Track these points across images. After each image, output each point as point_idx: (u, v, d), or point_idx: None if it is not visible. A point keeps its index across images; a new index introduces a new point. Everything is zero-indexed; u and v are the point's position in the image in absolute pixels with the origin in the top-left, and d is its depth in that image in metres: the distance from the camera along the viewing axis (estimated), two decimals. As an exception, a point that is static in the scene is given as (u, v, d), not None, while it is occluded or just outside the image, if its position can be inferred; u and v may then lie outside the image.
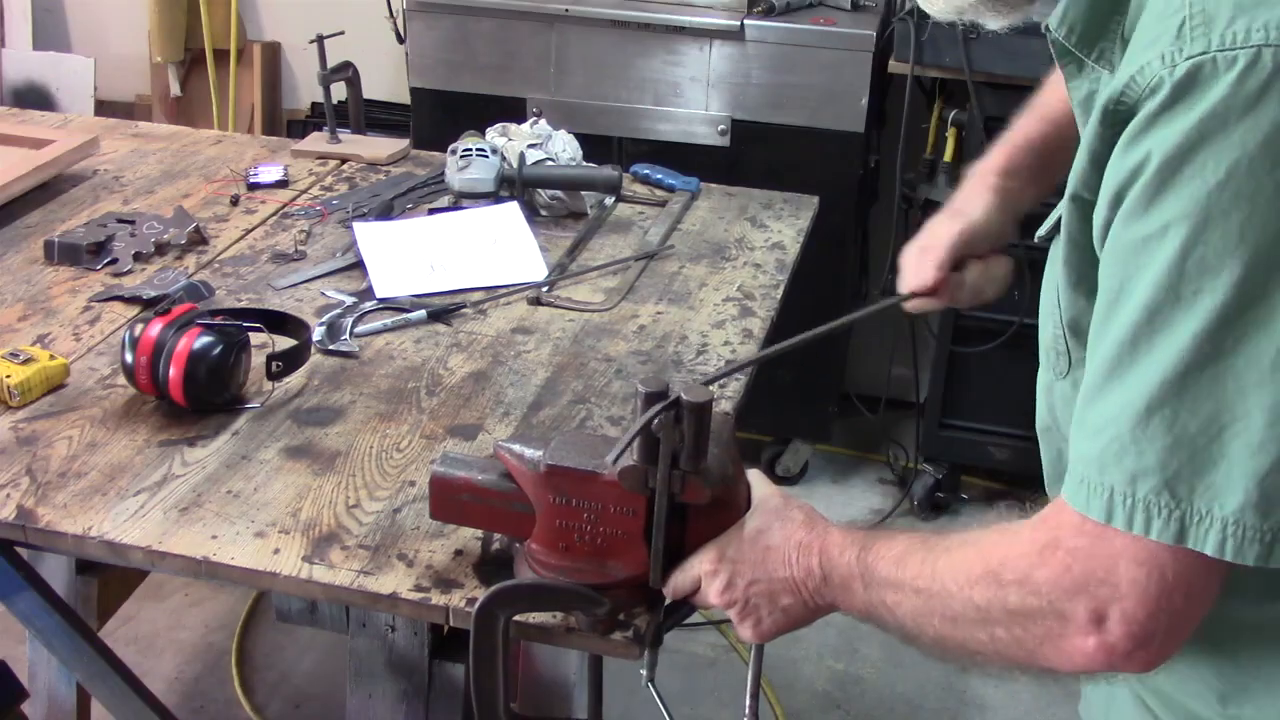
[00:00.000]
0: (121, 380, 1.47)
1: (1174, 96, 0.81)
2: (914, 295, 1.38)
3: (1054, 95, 1.37)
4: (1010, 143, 1.38)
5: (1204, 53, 0.80)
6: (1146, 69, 0.83)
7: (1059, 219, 0.97)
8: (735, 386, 1.55)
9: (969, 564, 0.94)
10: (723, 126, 2.86)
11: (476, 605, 1.10)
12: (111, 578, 1.97)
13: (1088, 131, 0.90)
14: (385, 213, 1.98)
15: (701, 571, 1.10)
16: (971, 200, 1.36)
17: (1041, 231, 1.03)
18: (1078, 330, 1.00)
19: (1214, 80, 0.79)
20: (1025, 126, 1.38)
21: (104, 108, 3.78)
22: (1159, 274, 0.82)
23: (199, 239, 1.88)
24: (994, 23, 1.04)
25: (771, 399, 3.00)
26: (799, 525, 1.08)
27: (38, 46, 3.88)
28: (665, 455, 1.04)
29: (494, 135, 2.10)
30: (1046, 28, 0.97)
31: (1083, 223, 0.92)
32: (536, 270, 1.82)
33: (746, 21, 2.81)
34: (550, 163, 2.04)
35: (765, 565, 1.07)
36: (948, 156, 2.81)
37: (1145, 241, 0.83)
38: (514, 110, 2.82)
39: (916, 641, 1.00)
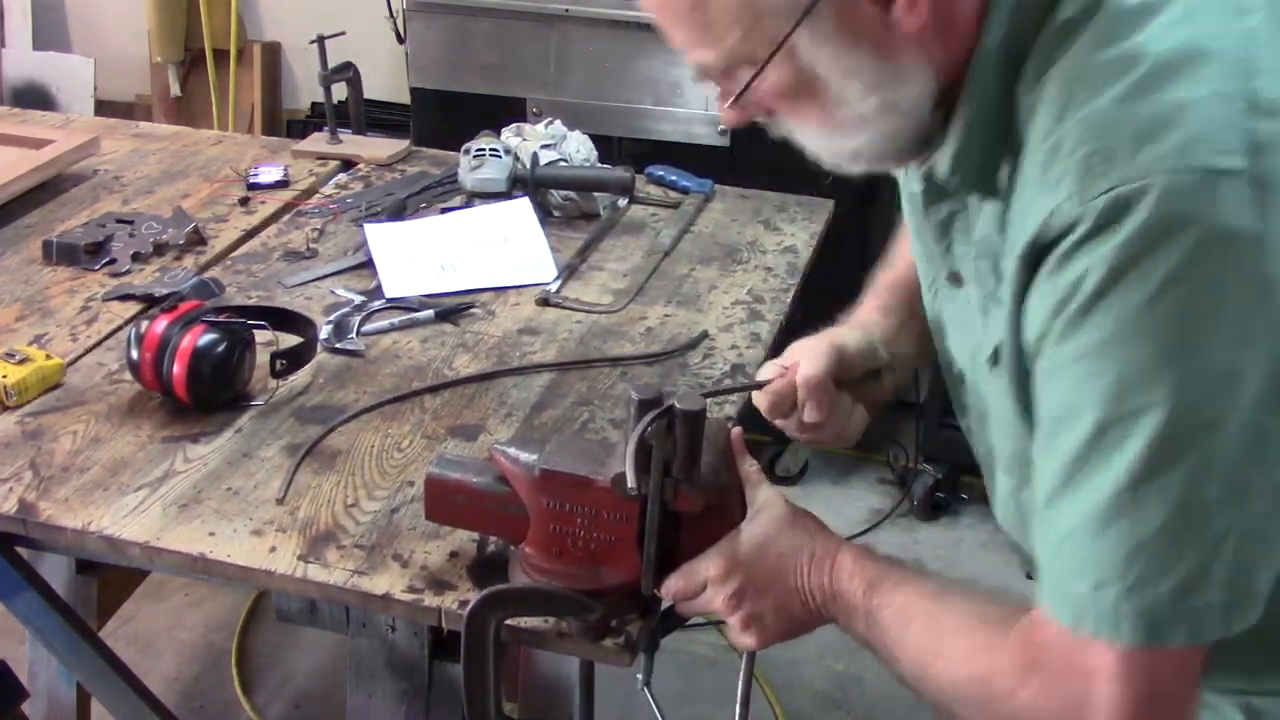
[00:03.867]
0: (128, 376, 1.47)
1: (1098, 225, 0.84)
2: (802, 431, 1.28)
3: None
4: (882, 285, 1.36)
5: (1114, 187, 0.83)
6: (1059, 211, 0.86)
7: (995, 348, 1.00)
8: (740, 393, 1.54)
9: (961, 661, 0.98)
10: (722, 127, 2.86)
11: (467, 608, 1.10)
12: (111, 578, 1.97)
13: (1011, 278, 0.92)
14: (398, 212, 1.98)
15: (708, 577, 1.09)
16: (847, 334, 1.30)
17: (981, 359, 1.04)
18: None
19: (1131, 210, 0.83)
20: (894, 273, 1.36)
21: (104, 108, 3.79)
22: (1101, 390, 0.85)
23: (197, 239, 1.88)
24: (897, 169, 1.09)
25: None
26: (812, 535, 1.09)
27: (38, 46, 3.88)
28: (658, 463, 1.04)
29: (508, 135, 2.10)
30: (929, 174, 1.02)
31: (1018, 353, 0.96)
32: (546, 271, 1.82)
33: (746, 21, 2.80)
34: (563, 163, 2.03)
35: (779, 575, 1.08)
36: (948, 156, 2.80)
37: (1082, 358, 0.86)
38: (514, 110, 2.82)
39: (909, 685, 1.03)
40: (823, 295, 3.06)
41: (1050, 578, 0.91)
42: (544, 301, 1.75)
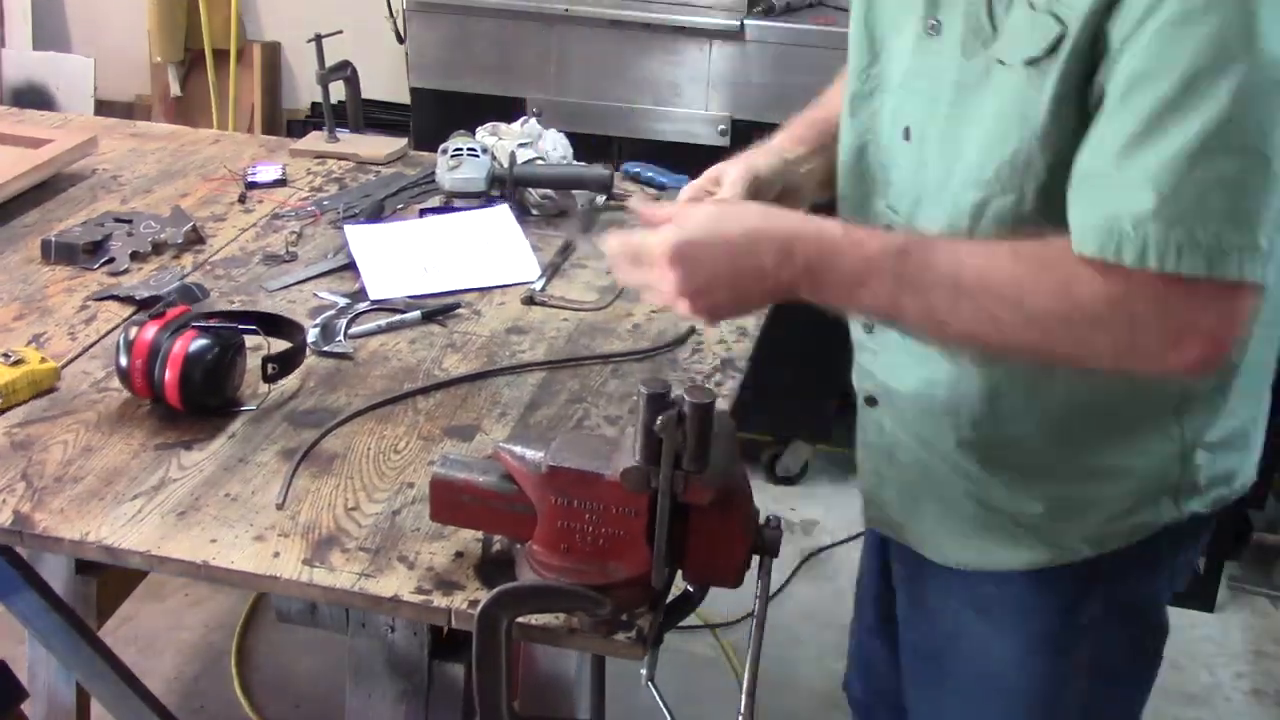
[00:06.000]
0: (115, 384, 1.46)
1: None
2: None
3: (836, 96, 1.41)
4: (798, 121, 1.45)
5: None
6: None
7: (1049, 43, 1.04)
8: (731, 385, 1.54)
9: (1087, 277, 1.02)
10: (723, 126, 2.86)
11: (479, 607, 1.10)
12: (111, 577, 1.97)
13: None
14: (376, 213, 1.97)
15: (656, 258, 1.10)
16: (759, 157, 1.38)
17: (1031, 53, 1.06)
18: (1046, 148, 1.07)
19: None
20: (813, 112, 1.46)
21: (104, 108, 3.78)
22: (1202, 45, 0.94)
23: (196, 238, 1.87)
24: None
25: (771, 399, 3.00)
26: (780, 215, 1.12)
27: (38, 46, 3.88)
28: (668, 456, 1.04)
29: (484, 135, 2.10)
30: None
31: (1090, 42, 1.01)
32: (529, 270, 1.82)
33: (746, 21, 2.81)
34: (541, 162, 2.03)
35: (732, 257, 1.09)
36: (948, 156, 2.80)
37: (1177, 19, 0.95)
38: (514, 110, 2.82)
39: (960, 338, 1.08)
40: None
41: (1116, 213, 0.98)
42: (530, 300, 1.75)
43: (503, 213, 1.93)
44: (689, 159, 2.42)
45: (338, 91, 2.30)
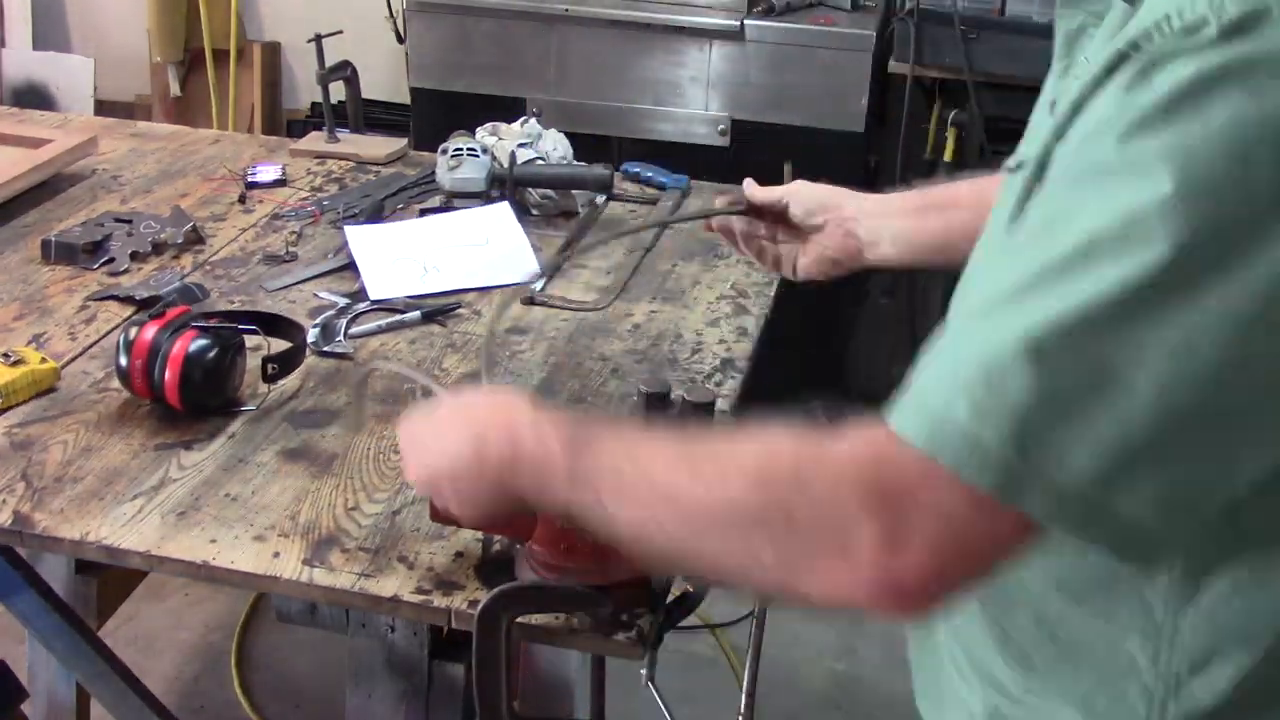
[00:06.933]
0: (115, 384, 1.46)
1: (1222, 33, 0.70)
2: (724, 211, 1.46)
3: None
4: (930, 189, 1.37)
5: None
6: (1189, 7, 0.72)
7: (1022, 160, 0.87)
8: (731, 385, 1.54)
9: (747, 461, 0.87)
10: (722, 126, 2.86)
11: (479, 607, 1.10)
12: (111, 577, 1.97)
13: (1085, 75, 0.79)
14: (376, 213, 1.97)
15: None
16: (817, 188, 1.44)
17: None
18: None
19: (1265, 24, 0.70)
20: (948, 190, 1.34)
21: (104, 107, 3.78)
22: (1112, 210, 0.71)
23: (196, 238, 1.88)
24: None
25: (770, 399, 3.00)
26: (497, 408, 1.00)
27: (38, 46, 3.88)
28: None
29: (484, 135, 2.10)
30: None
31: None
32: (529, 270, 1.82)
33: (746, 21, 2.81)
34: (541, 162, 2.04)
35: (437, 444, 1.03)
36: (948, 156, 2.81)
37: (1106, 173, 0.73)
38: (514, 110, 2.83)
39: (631, 537, 0.91)
40: (823, 298, 3.04)
41: (923, 394, 0.77)
42: (530, 300, 1.75)
43: (503, 210, 1.93)
44: (689, 159, 2.43)
45: (338, 91, 2.30)
